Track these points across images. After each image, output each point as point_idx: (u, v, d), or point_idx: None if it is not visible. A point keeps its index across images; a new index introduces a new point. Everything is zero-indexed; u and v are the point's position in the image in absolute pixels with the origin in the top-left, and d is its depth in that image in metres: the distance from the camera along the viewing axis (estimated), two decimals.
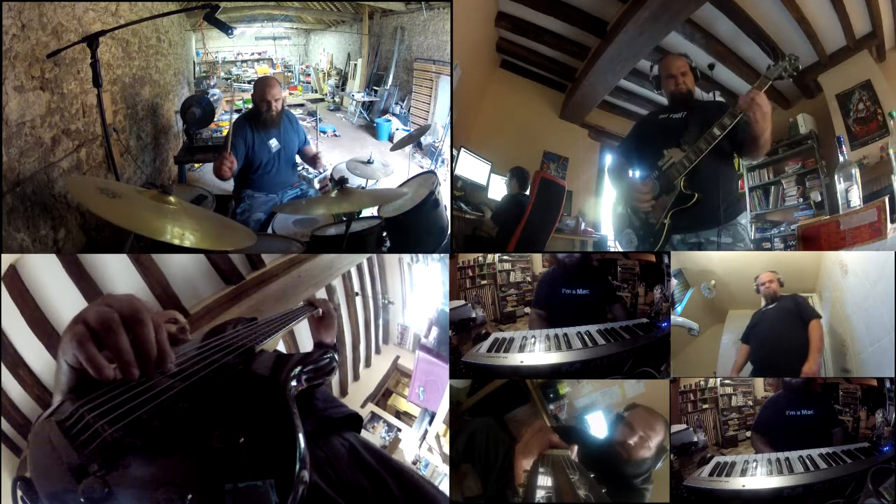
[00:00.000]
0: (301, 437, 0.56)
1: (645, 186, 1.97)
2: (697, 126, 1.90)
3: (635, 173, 2.12)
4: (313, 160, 2.92)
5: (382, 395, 3.75)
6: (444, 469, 2.82)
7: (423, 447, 3.07)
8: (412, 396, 3.23)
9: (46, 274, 1.63)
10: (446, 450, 2.92)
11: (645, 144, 2.09)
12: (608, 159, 5.03)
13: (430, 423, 3.07)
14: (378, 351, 3.96)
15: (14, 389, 1.57)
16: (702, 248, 1.93)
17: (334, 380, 3.20)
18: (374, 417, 3.43)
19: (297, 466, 0.52)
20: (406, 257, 3.81)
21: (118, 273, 1.77)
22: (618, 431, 1.59)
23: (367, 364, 3.79)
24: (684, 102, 2.07)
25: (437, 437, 3.01)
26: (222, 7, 2.19)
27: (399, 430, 3.34)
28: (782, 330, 1.74)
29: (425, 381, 3.10)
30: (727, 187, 1.94)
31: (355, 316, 3.38)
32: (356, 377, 3.59)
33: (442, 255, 3.02)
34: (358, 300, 3.37)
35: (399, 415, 3.57)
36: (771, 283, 1.78)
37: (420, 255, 3.59)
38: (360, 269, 3.32)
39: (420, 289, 3.82)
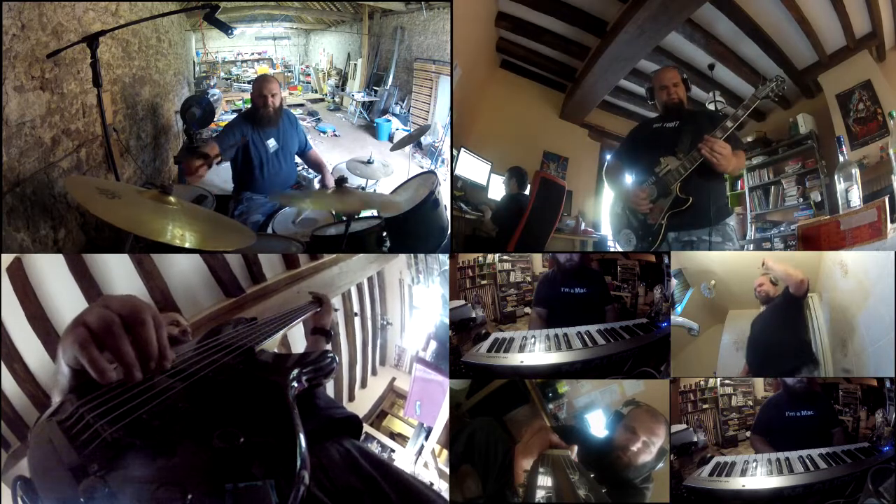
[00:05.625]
0: (301, 436, 0.56)
1: (643, 192, 2.12)
2: (690, 135, 2.06)
3: (632, 176, 2.26)
4: (318, 167, 2.93)
5: (377, 417, 3.76)
6: (441, 485, 2.80)
7: (419, 463, 3.05)
8: (408, 411, 3.21)
9: (50, 271, 1.63)
10: (442, 466, 2.90)
11: (640, 150, 2.23)
12: (607, 160, 5.04)
13: (427, 438, 3.05)
14: (374, 372, 3.97)
15: (8, 384, 1.57)
16: (694, 245, 2.07)
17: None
18: (368, 438, 3.40)
19: (298, 466, 0.52)
20: (406, 278, 3.83)
21: (120, 277, 1.77)
22: (619, 435, 1.58)
23: (363, 385, 3.80)
24: (677, 112, 2.21)
25: (433, 452, 2.99)
26: (222, 7, 2.19)
27: (393, 450, 3.33)
28: (774, 325, 1.74)
29: (422, 396, 3.08)
30: (716, 192, 2.12)
31: (353, 336, 3.39)
32: (352, 397, 3.60)
33: (442, 265, 3.02)
34: (356, 321, 3.38)
35: (393, 436, 3.57)
36: (762, 287, 1.79)
37: (421, 276, 3.61)
38: (359, 288, 3.32)
39: (419, 311, 3.83)
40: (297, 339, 2.23)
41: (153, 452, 0.49)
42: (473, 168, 4.13)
